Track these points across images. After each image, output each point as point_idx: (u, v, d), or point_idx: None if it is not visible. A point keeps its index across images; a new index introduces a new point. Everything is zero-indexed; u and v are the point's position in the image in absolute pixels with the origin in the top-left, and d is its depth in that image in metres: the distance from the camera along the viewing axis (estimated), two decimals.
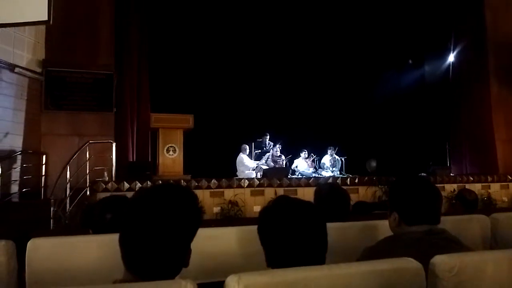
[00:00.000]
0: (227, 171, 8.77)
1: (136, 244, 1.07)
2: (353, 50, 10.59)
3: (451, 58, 10.66)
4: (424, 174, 8.83)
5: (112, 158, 6.98)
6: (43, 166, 7.13)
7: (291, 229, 1.22)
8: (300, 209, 1.29)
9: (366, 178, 8.01)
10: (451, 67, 10.69)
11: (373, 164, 9.91)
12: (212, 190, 7.12)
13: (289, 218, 1.25)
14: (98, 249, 1.68)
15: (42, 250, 1.64)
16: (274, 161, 9.57)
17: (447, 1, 10.24)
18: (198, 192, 6.85)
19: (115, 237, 1.71)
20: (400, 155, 9.88)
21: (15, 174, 6.84)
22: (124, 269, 1.11)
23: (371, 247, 1.60)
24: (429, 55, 11.38)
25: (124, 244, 1.10)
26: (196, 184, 7.12)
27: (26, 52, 7.26)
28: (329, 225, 1.39)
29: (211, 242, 1.87)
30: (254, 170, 9.26)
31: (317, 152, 10.21)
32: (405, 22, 10.30)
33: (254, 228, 1.93)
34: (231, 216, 6.86)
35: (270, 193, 7.40)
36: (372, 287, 1.06)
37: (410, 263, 1.11)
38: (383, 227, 1.91)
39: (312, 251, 1.22)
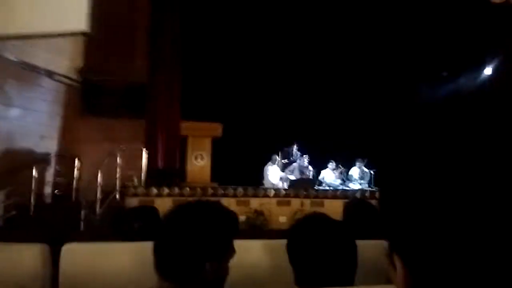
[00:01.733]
0: (254, 180, 8.78)
1: (170, 254, 1.10)
2: (384, 60, 10.45)
3: (487, 71, 10.37)
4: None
5: (142, 164, 7.13)
6: (76, 170, 7.36)
7: (321, 249, 1.22)
8: (330, 228, 1.28)
9: None
10: (487, 80, 10.39)
11: None
12: (238, 198, 7.15)
13: (319, 238, 1.24)
14: (129, 256, 1.71)
15: (75, 255, 1.69)
16: (301, 172, 9.51)
17: (484, 14, 9.99)
18: (224, 200, 6.91)
19: (145, 245, 1.76)
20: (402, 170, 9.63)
21: (49, 176, 7.10)
22: (157, 278, 1.13)
23: None
24: (465, 67, 11.10)
25: (158, 253, 1.12)
26: (223, 192, 7.18)
27: (65, 59, 7.55)
28: (359, 242, 1.37)
29: (238, 254, 1.87)
30: (280, 180, 9.23)
31: (346, 164, 10.08)
32: (441, 34, 10.10)
33: (281, 242, 1.94)
34: (256, 226, 6.86)
35: (296, 203, 7.36)
36: None
37: None
38: None
39: (341, 271, 1.21)
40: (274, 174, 9.16)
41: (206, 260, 1.11)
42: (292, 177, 9.15)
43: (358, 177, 9.89)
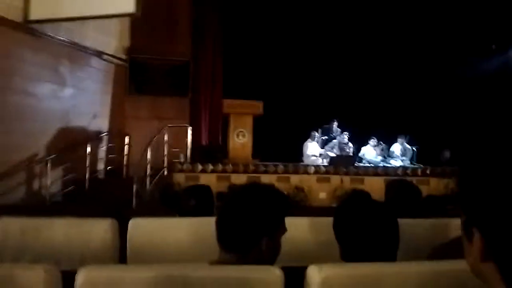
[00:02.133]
0: (295, 156, 8.90)
1: (231, 228, 1.27)
2: (431, 34, 10.09)
3: None
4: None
5: (187, 141, 7.41)
6: (126, 147, 7.76)
7: (365, 227, 1.34)
8: (374, 208, 1.40)
9: (438, 169, 7.74)
10: None
11: (447, 154, 9.49)
12: (279, 175, 7.31)
13: (364, 217, 1.36)
14: (188, 231, 1.90)
15: (141, 229, 1.90)
16: (341, 149, 9.50)
17: None
18: (265, 177, 7.11)
19: (201, 221, 1.95)
20: (477, 146, 9.35)
21: (101, 153, 7.53)
22: (219, 250, 1.29)
23: (442, 245, 1.65)
24: None
25: (221, 227, 1.28)
26: (264, 168, 7.36)
27: (113, 39, 7.85)
28: (400, 221, 1.48)
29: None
30: (320, 156, 9.28)
31: (387, 140, 9.94)
32: (488, 6, 9.59)
33: (325, 220, 2.07)
34: (296, 202, 7.00)
35: (336, 180, 7.44)
36: (443, 287, 1.14)
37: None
38: (455, 225, 1.94)
39: (384, 248, 1.33)
40: (313, 151, 9.22)
41: (262, 235, 1.27)
42: (332, 154, 9.17)
43: (399, 154, 9.74)
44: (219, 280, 1.10)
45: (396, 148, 9.83)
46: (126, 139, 7.72)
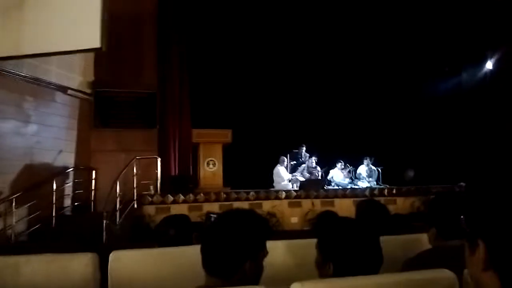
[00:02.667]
0: (265, 183, 9.00)
1: (216, 254, 1.32)
2: (389, 59, 10.62)
3: (488, 65, 10.51)
4: (463, 184, 8.71)
5: (157, 172, 7.36)
6: (93, 181, 7.60)
7: (355, 245, 1.43)
8: (359, 227, 1.52)
9: (404, 188, 8.02)
10: (488, 74, 10.53)
11: (411, 174, 9.86)
12: (251, 201, 7.36)
13: (352, 236, 1.46)
14: (169, 261, 1.93)
15: (122, 261, 1.91)
16: (310, 173, 9.71)
17: (485, 8, 10.12)
18: (237, 204, 7.13)
19: (182, 249, 1.98)
20: (438, 164, 9.77)
21: (68, 189, 7.34)
22: (205, 275, 1.34)
23: (411, 259, 1.77)
24: (466, 63, 11.24)
25: (205, 253, 1.34)
26: (236, 196, 7.39)
27: (77, 74, 7.82)
28: None
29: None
30: (290, 181, 9.43)
31: (353, 163, 10.25)
32: (442, 30, 10.24)
33: (301, 241, 2.15)
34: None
35: (307, 204, 7.55)
36: None
37: (445, 274, 1.28)
38: (422, 241, 2.07)
39: (371, 263, 1.43)
40: (283, 175, 9.36)
41: (245, 259, 1.33)
42: (302, 178, 9.34)
43: (366, 175, 10.05)
44: None
45: (362, 170, 10.14)
46: (93, 174, 7.58)
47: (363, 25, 10.18)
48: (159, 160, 7.45)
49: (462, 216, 0.85)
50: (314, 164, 9.80)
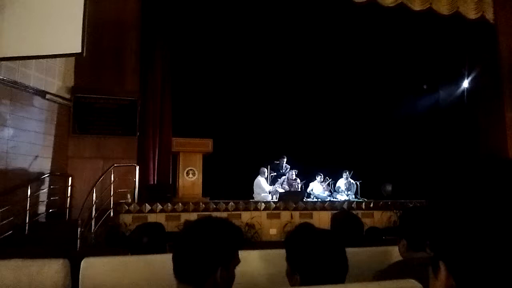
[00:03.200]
0: (244, 193, 8.98)
1: (188, 261, 1.32)
2: (369, 75, 10.84)
3: (465, 83, 10.83)
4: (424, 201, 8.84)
5: (135, 181, 7.28)
6: (69, 188, 7.47)
7: (319, 255, 1.45)
8: (323, 236, 1.53)
9: (381, 202, 8.12)
10: (465, 92, 10.84)
11: (389, 188, 10.00)
12: (230, 212, 7.33)
13: (316, 245, 1.48)
14: (142, 269, 1.91)
15: (94, 269, 1.88)
16: (290, 184, 9.74)
17: (461, 28, 10.46)
18: (216, 214, 7.08)
19: (155, 258, 1.97)
20: (416, 179, 9.94)
21: (43, 195, 7.19)
22: (176, 283, 1.34)
23: (382, 271, 1.80)
24: (443, 81, 11.55)
25: (177, 260, 1.34)
26: (215, 206, 7.36)
27: (57, 79, 7.71)
28: (346, 249, 1.60)
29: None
30: (270, 193, 9.44)
31: (333, 176, 10.35)
32: (419, 49, 10.52)
33: (274, 252, 2.16)
34: (248, 239, 7.03)
35: (286, 216, 7.56)
36: None
37: (412, 284, 1.31)
38: (394, 253, 2.10)
39: (336, 272, 1.44)
40: (263, 187, 9.37)
41: (217, 266, 1.33)
42: (281, 190, 9.36)
43: (345, 188, 10.15)
44: None
45: (341, 183, 10.23)
46: (69, 180, 7.45)
47: (343, 42, 10.37)
48: (137, 168, 7.38)
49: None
50: (294, 176, 9.84)
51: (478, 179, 0.72)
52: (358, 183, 10.19)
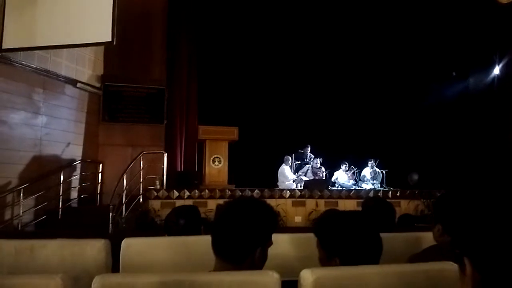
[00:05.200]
0: (269, 181, 9.04)
1: (229, 240, 1.37)
2: (396, 61, 10.63)
3: (496, 70, 10.50)
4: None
5: (163, 168, 7.43)
6: (100, 174, 7.69)
7: (356, 237, 1.48)
8: (356, 217, 1.56)
9: (408, 191, 8.03)
10: (495, 80, 10.52)
11: (415, 177, 9.85)
12: None
13: (353, 228, 1.51)
14: (178, 249, 1.98)
15: (133, 248, 1.96)
16: (314, 173, 9.73)
17: (493, 13, 10.11)
18: None
19: (191, 239, 2.03)
20: (442, 168, 9.77)
21: (75, 181, 7.43)
22: (215, 260, 1.39)
23: (416, 254, 1.81)
24: (473, 68, 11.22)
25: (218, 240, 1.39)
26: (240, 193, 7.44)
27: (87, 68, 7.90)
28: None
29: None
30: (294, 181, 9.47)
31: (358, 165, 10.27)
32: (449, 35, 10.25)
33: (303, 235, 2.20)
34: None
35: (311, 204, 7.58)
36: (418, 284, 1.29)
37: (450, 266, 1.32)
38: (427, 238, 2.11)
39: (369, 253, 1.47)
40: (287, 175, 9.40)
41: (257, 246, 1.38)
42: (306, 179, 9.37)
43: (370, 177, 10.06)
44: (223, 283, 1.21)
45: (367, 172, 10.14)
46: (100, 167, 7.66)
47: (371, 28, 10.20)
48: (165, 155, 7.52)
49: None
50: (318, 165, 9.82)
51: (504, 174, 0.76)
52: (383, 172, 10.08)
